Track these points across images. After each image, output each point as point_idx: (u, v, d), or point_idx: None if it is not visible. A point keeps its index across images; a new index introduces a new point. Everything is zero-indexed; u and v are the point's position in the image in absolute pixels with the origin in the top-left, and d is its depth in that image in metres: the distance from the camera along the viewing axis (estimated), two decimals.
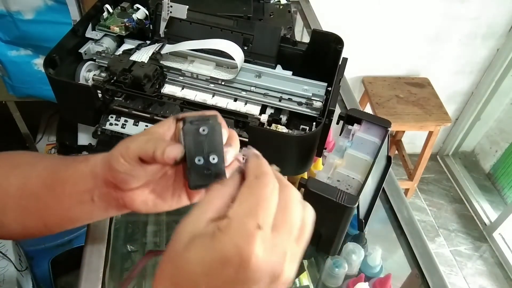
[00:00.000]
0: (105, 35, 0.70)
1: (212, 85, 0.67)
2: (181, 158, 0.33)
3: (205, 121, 0.33)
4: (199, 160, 0.33)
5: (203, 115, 0.34)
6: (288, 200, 0.29)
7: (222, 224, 0.26)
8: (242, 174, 0.31)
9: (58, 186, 0.41)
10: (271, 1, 1.00)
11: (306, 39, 0.85)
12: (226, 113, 0.61)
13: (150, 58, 0.66)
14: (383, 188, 0.79)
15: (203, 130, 0.33)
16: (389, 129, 0.63)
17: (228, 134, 0.36)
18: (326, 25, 1.04)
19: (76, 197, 0.40)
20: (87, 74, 0.68)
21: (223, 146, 0.34)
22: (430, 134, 1.87)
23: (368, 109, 1.92)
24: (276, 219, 0.27)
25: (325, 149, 0.65)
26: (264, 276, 0.26)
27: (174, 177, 0.40)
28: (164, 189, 0.40)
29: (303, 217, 0.29)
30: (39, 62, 1.11)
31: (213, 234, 0.26)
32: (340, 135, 0.66)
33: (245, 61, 0.68)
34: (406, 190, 2.08)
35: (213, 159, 0.33)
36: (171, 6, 0.67)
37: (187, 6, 0.68)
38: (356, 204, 0.54)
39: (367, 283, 0.65)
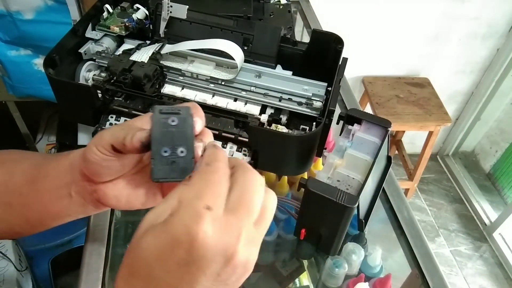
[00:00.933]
0: (105, 35, 0.70)
1: (212, 85, 0.67)
2: (146, 143, 0.32)
3: (176, 112, 0.32)
4: (165, 152, 0.32)
5: (177, 107, 0.33)
6: (248, 184, 0.29)
7: (173, 209, 0.27)
8: None
9: (40, 181, 0.40)
10: (271, 1, 1.00)
11: (306, 39, 0.85)
12: (226, 113, 0.61)
13: (150, 58, 0.66)
14: (383, 188, 0.79)
15: (173, 121, 0.32)
16: (389, 129, 0.63)
17: (202, 129, 0.35)
18: (326, 25, 1.04)
19: (55, 192, 0.39)
20: (87, 74, 0.68)
21: (194, 140, 0.33)
22: (430, 134, 1.87)
23: (368, 109, 1.92)
24: (232, 202, 0.28)
25: (325, 149, 0.65)
26: (216, 256, 0.26)
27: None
28: (138, 185, 0.39)
29: (264, 201, 0.29)
30: (39, 62, 1.11)
31: (165, 220, 0.27)
32: (340, 135, 0.66)
33: (245, 61, 0.68)
34: (406, 190, 2.08)
35: (181, 152, 0.32)
36: (171, 6, 0.67)
37: (187, 6, 0.68)
38: (356, 204, 0.54)
39: (367, 283, 0.65)
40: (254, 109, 0.65)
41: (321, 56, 0.68)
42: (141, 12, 0.71)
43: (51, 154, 0.43)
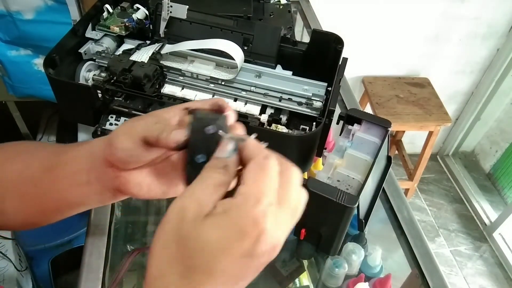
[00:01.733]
0: (105, 35, 0.70)
1: (212, 85, 0.67)
2: (183, 145, 0.33)
3: (214, 119, 0.33)
4: (200, 158, 0.33)
5: (214, 111, 0.34)
6: (293, 181, 0.31)
7: (237, 201, 0.28)
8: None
9: (57, 168, 0.40)
10: (271, 1, 1.00)
11: (306, 39, 0.85)
12: None
13: (150, 58, 0.66)
14: (383, 188, 0.79)
15: (210, 129, 0.33)
16: (389, 129, 0.63)
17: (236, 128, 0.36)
18: (326, 25, 1.04)
19: (73, 178, 0.39)
20: (87, 74, 0.68)
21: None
22: (430, 134, 1.87)
23: (368, 109, 1.92)
24: (280, 197, 0.29)
25: (325, 149, 0.65)
26: (270, 248, 0.28)
27: (174, 165, 0.39)
28: (161, 174, 0.39)
29: (299, 198, 0.31)
30: (39, 62, 1.11)
31: (226, 212, 0.28)
32: (340, 135, 0.66)
33: (245, 61, 0.68)
34: (406, 190, 2.08)
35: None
36: (171, 6, 0.67)
37: (187, 6, 0.68)
38: (356, 204, 0.54)
39: (367, 283, 0.65)
40: (254, 109, 0.65)
41: (321, 56, 0.68)
42: (141, 12, 0.71)
43: (70, 144, 0.43)
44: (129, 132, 0.35)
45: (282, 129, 0.64)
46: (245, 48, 0.69)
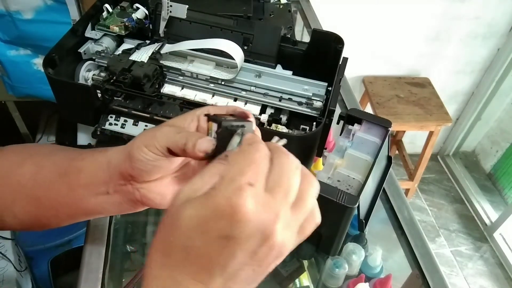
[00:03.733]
0: (105, 34, 0.69)
1: (212, 84, 0.66)
2: (210, 154, 0.33)
3: (240, 126, 0.33)
4: None
5: (237, 117, 0.34)
6: (284, 166, 0.29)
7: (215, 184, 0.27)
8: None
9: (73, 174, 0.40)
10: (271, 1, 1.00)
11: (306, 38, 0.85)
12: None
13: (150, 57, 0.66)
14: (384, 188, 0.78)
15: (237, 137, 0.32)
16: (390, 129, 0.63)
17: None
18: (327, 25, 1.04)
19: (92, 188, 0.39)
20: (86, 74, 0.67)
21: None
22: (431, 134, 1.86)
23: (368, 109, 1.92)
24: (270, 182, 0.28)
25: (325, 149, 0.65)
26: (255, 231, 0.26)
27: (195, 169, 0.39)
28: (183, 180, 0.39)
29: (302, 187, 0.29)
30: (38, 62, 1.11)
31: (206, 193, 0.27)
32: (340, 135, 0.66)
33: (245, 60, 0.67)
34: (407, 190, 2.08)
35: None
36: (171, 6, 0.67)
37: (187, 6, 0.68)
38: (357, 204, 0.53)
39: (367, 283, 0.65)
40: (254, 109, 0.65)
41: (321, 56, 0.68)
42: (140, 12, 0.71)
43: (84, 149, 0.43)
44: (151, 144, 0.35)
45: (282, 129, 0.63)
46: (245, 47, 0.69)
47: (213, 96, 0.66)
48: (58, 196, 0.41)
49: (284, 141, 0.35)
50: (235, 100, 0.66)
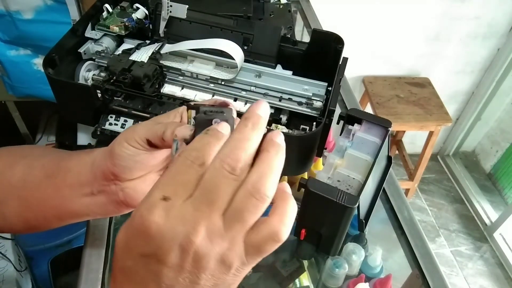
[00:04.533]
0: (105, 34, 0.69)
1: (212, 84, 0.66)
2: (190, 140, 0.32)
3: (219, 113, 0.32)
4: None
5: (217, 106, 0.33)
6: (213, 171, 0.26)
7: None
8: None
9: (60, 175, 0.40)
10: (271, 1, 1.00)
11: (306, 38, 0.85)
12: None
13: (150, 57, 0.66)
14: (384, 188, 0.78)
15: (216, 122, 0.32)
16: (390, 129, 0.63)
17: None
18: (326, 25, 1.04)
19: (77, 189, 0.39)
20: (86, 74, 0.67)
21: None
22: (431, 134, 1.86)
23: (368, 109, 1.92)
24: (196, 191, 0.26)
25: (325, 149, 0.65)
26: (171, 245, 0.25)
27: None
28: None
29: (242, 198, 0.26)
30: (38, 62, 1.11)
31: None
32: (340, 135, 0.65)
33: (245, 60, 0.67)
34: (407, 190, 2.08)
35: None
36: (171, 6, 0.67)
37: (187, 6, 0.68)
38: (357, 205, 0.53)
39: (367, 283, 0.65)
40: None
41: (321, 56, 0.68)
42: (140, 12, 0.71)
43: (74, 151, 0.44)
44: (131, 137, 0.34)
45: (282, 129, 0.63)
46: (245, 47, 0.69)
47: (213, 96, 0.66)
48: (45, 196, 0.41)
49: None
50: (235, 100, 0.66)
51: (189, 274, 0.25)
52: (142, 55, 0.66)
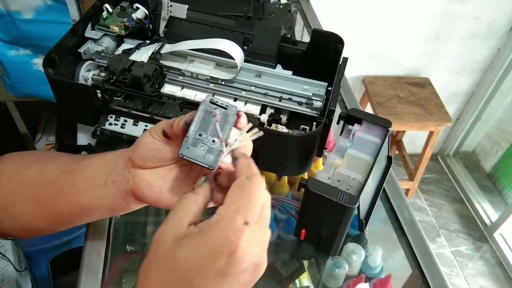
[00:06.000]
0: (105, 34, 0.69)
1: (212, 84, 0.66)
2: (189, 122, 0.35)
3: (223, 107, 0.35)
4: (199, 135, 0.34)
5: (227, 103, 0.36)
6: (266, 196, 0.32)
7: (211, 221, 0.29)
8: (215, 178, 0.35)
9: (78, 171, 0.43)
10: (271, 1, 1.00)
11: (306, 38, 0.85)
12: None
13: (150, 57, 0.66)
14: (384, 188, 0.78)
15: (217, 113, 0.35)
16: (390, 129, 0.63)
17: (242, 136, 0.37)
18: (327, 25, 1.03)
19: (91, 181, 0.41)
20: (86, 74, 0.67)
21: (229, 139, 0.35)
22: (431, 134, 1.86)
23: (368, 109, 1.92)
24: (259, 215, 0.31)
25: (326, 149, 0.65)
26: (249, 266, 0.29)
27: (186, 175, 0.41)
28: (173, 180, 0.41)
29: (269, 214, 0.32)
30: (38, 61, 1.11)
31: (200, 231, 0.29)
32: (340, 135, 0.65)
33: (245, 60, 0.67)
34: (407, 190, 2.08)
35: (213, 141, 0.35)
36: (171, 6, 0.67)
37: (187, 6, 0.68)
38: (357, 205, 0.53)
39: (367, 283, 0.65)
40: (254, 109, 0.65)
41: (321, 56, 0.68)
42: (140, 12, 0.71)
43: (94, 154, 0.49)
44: (153, 129, 0.39)
45: (282, 129, 0.63)
46: (245, 47, 0.69)
47: (213, 96, 0.66)
48: (59, 192, 0.42)
49: (261, 133, 0.37)
50: (235, 100, 0.66)
51: (246, 284, 0.30)
52: (142, 55, 0.66)
